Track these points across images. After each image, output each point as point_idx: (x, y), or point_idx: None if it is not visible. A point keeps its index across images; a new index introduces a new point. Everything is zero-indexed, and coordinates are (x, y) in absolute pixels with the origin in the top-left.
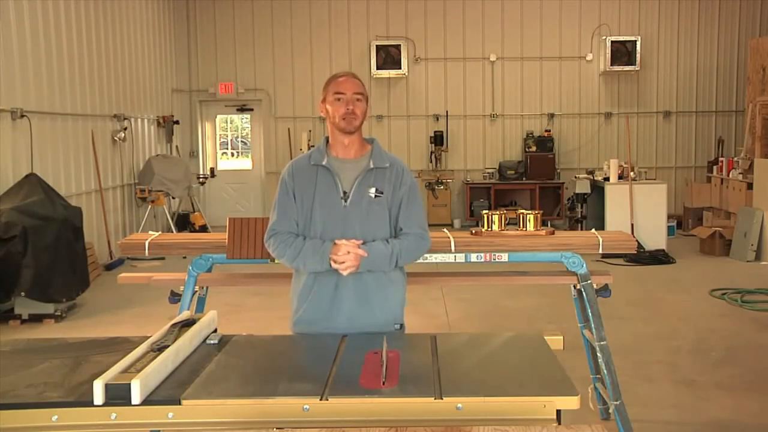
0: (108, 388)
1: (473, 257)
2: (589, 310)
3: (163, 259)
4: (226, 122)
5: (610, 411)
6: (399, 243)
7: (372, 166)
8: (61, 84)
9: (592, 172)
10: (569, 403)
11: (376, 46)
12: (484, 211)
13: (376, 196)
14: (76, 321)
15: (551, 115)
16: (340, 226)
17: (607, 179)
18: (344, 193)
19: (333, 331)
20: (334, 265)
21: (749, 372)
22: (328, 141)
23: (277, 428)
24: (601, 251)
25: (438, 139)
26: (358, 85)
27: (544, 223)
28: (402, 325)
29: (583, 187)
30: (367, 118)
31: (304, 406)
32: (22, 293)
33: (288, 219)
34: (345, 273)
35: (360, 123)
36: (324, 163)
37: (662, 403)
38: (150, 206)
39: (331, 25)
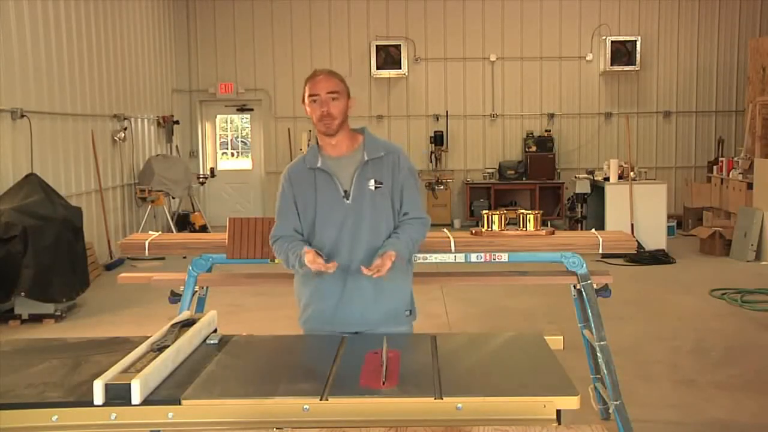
0: (108, 388)
1: (473, 257)
2: (589, 310)
3: (163, 259)
4: (226, 122)
5: (610, 411)
6: (409, 233)
7: (366, 158)
8: (61, 84)
9: (592, 172)
10: (569, 403)
11: (376, 46)
12: (484, 211)
13: (376, 187)
14: (76, 321)
15: (551, 115)
16: (349, 224)
17: (607, 179)
18: (345, 191)
19: (345, 326)
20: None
21: (749, 372)
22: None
23: (277, 428)
24: (601, 251)
25: (438, 139)
26: (332, 83)
27: (544, 223)
28: (412, 311)
29: (583, 187)
30: (356, 115)
31: (304, 406)
32: (22, 293)
33: (287, 225)
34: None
35: (339, 123)
36: (319, 165)
37: (662, 403)
38: (150, 206)
39: (331, 25)
